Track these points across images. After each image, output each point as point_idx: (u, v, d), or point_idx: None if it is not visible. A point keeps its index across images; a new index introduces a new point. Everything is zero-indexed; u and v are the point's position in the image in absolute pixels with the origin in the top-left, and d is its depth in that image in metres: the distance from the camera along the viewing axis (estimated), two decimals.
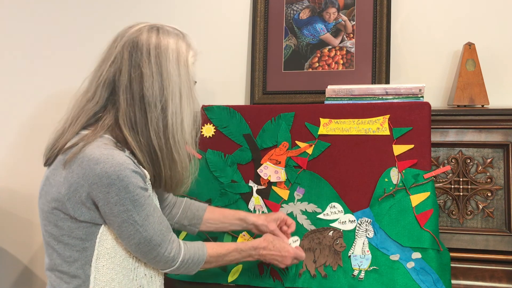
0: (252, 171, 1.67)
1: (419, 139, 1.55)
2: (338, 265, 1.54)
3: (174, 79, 1.20)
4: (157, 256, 1.21)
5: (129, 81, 1.18)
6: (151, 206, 1.19)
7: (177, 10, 2.15)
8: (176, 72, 1.21)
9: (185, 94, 1.22)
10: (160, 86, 1.18)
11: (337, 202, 1.59)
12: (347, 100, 1.69)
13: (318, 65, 1.94)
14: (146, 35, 1.21)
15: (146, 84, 1.17)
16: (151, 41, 1.20)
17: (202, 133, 1.73)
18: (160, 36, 1.22)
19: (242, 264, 1.61)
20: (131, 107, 1.18)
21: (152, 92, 1.17)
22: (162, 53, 1.20)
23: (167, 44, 1.21)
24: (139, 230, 1.16)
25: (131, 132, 1.18)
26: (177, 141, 1.21)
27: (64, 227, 1.18)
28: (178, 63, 1.22)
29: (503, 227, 1.56)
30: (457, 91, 1.72)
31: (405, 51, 1.92)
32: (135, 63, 1.18)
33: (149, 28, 1.23)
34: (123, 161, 1.13)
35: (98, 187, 1.13)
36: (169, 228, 1.24)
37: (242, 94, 2.08)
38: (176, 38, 1.25)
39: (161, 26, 1.26)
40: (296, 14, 1.98)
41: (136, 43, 1.20)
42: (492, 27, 1.85)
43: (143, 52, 1.19)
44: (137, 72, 1.18)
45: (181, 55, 1.23)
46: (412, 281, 1.47)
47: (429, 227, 1.50)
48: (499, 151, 1.58)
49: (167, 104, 1.19)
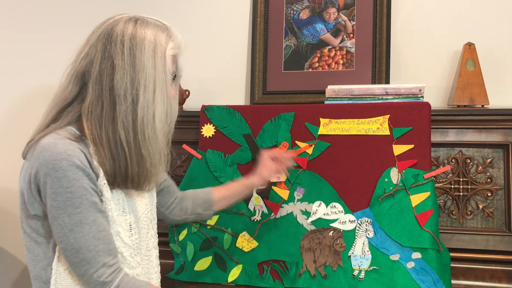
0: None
1: (419, 139, 1.55)
2: (338, 265, 1.54)
3: (148, 72, 1.13)
4: (85, 275, 1.08)
5: (100, 72, 1.12)
6: (90, 214, 1.08)
7: (177, 10, 2.15)
8: (151, 64, 1.14)
9: (159, 88, 1.15)
10: (131, 78, 1.12)
11: (337, 202, 1.59)
12: (347, 100, 1.69)
13: (318, 65, 1.94)
14: (122, 25, 1.16)
15: (117, 76, 1.11)
16: (126, 32, 1.15)
17: (202, 133, 1.73)
18: (137, 26, 1.16)
19: (242, 264, 1.61)
20: (99, 99, 1.12)
21: (122, 84, 1.11)
22: (137, 44, 1.14)
23: (144, 35, 1.15)
24: (67, 235, 1.07)
25: (93, 125, 1.12)
26: (147, 137, 1.13)
27: (32, 224, 1.14)
28: (154, 55, 1.15)
29: (503, 227, 1.56)
30: (457, 91, 1.72)
31: (405, 51, 1.92)
32: (108, 54, 1.13)
33: (128, 19, 1.18)
34: (64, 151, 1.06)
35: (40, 176, 1.07)
36: (110, 251, 1.10)
37: (242, 94, 2.08)
38: (156, 29, 1.18)
39: (142, 17, 1.21)
40: (296, 14, 1.98)
41: (111, 34, 1.14)
42: (492, 27, 1.85)
43: (117, 43, 1.13)
44: (108, 63, 1.12)
45: (158, 47, 1.16)
46: (412, 281, 1.47)
47: (429, 227, 1.50)
48: (499, 151, 1.58)
49: (138, 98, 1.12)
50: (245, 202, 1.66)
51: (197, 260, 1.64)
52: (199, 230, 1.66)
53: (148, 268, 1.26)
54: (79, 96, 1.15)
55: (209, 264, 1.63)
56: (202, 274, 1.63)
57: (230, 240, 1.64)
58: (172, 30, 1.23)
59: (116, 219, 1.15)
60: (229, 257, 1.62)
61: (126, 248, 1.17)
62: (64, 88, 1.17)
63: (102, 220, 1.10)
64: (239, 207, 1.65)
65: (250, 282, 1.59)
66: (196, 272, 1.63)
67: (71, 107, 1.16)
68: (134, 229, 1.20)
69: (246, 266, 1.61)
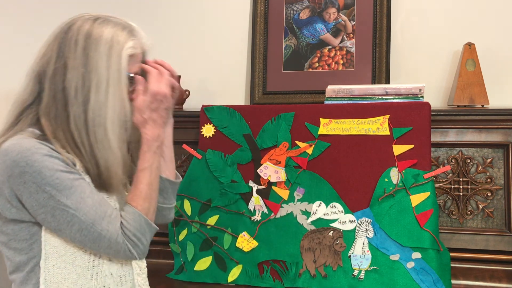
0: (252, 171, 1.67)
1: (419, 139, 1.55)
2: (338, 265, 1.54)
3: (101, 72, 1.10)
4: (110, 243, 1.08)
5: (54, 72, 1.10)
6: (84, 187, 1.08)
7: (177, 10, 2.15)
8: (104, 64, 1.10)
9: (113, 89, 1.10)
10: (83, 78, 1.09)
11: (337, 202, 1.59)
12: (347, 100, 1.69)
13: (318, 65, 1.94)
14: (79, 24, 1.13)
15: (69, 75, 1.09)
16: (81, 31, 1.11)
17: (202, 133, 1.73)
18: (94, 25, 1.13)
19: (242, 264, 1.61)
20: (54, 100, 1.10)
21: (73, 84, 1.09)
22: (92, 43, 1.10)
23: (100, 34, 1.11)
24: (75, 216, 1.06)
25: (52, 125, 1.10)
26: (99, 139, 1.10)
27: (8, 231, 1.11)
28: (110, 55, 1.11)
29: (503, 227, 1.56)
30: (457, 91, 1.72)
31: (405, 51, 1.92)
32: (61, 54, 1.11)
33: (87, 18, 1.14)
34: (31, 146, 1.05)
35: (14, 179, 1.05)
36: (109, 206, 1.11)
37: (242, 94, 2.08)
38: (115, 28, 1.14)
39: (104, 16, 1.17)
40: (296, 14, 1.98)
41: (67, 33, 1.12)
42: (492, 27, 1.85)
43: (71, 42, 1.11)
44: (61, 62, 1.10)
45: (115, 46, 1.12)
46: (412, 281, 1.47)
47: (429, 227, 1.49)
48: (499, 151, 1.58)
49: (89, 98, 1.09)
50: (245, 202, 1.66)
51: (197, 260, 1.64)
52: (199, 230, 1.66)
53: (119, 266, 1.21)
54: (37, 98, 1.13)
55: (209, 264, 1.63)
56: (202, 274, 1.63)
57: (230, 240, 1.64)
58: (136, 29, 1.19)
59: None
60: (229, 257, 1.62)
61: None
62: (23, 90, 1.15)
63: (92, 188, 1.10)
64: (239, 207, 1.66)
65: (250, 282, 1.59)
66: (196, 272, 1.63)
67: (30, 109, 1.14)
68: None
69: (246, 266, 1.61)
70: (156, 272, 1.69)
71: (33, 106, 1.14)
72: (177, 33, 2.14)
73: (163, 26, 2.15)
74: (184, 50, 2.14)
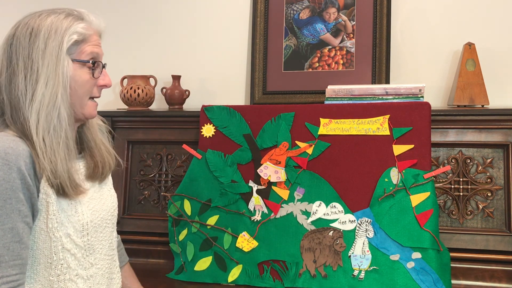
0: (252, 171, 1.67)
1: (419, 139, 1.55)
2: (338, 265, 1.54)
3: (40, 68, 1.06)
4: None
5: (7, 81, 1.07)
6: (9, 220, 1.00)
7: (177, 10, 2.15)
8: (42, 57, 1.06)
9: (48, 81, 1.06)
10: (26, 79, 1.05)
11: (337, 202, 1.59)
12: (347, 100, 1.69)
13: (318, 65, 1.94)
14: (22, 24, 1.09)
15: (17, 80, 1.06)
16: (23, 31, 1.08)
17: (202, 133, 1.73)
18: (36, 21, 1.08)
19: (242, 264, 1.61)
20: (12, 109, 1.07)
21: (20, 88, 1.05)
22: (35, 41, 1.06)
23: (40, 28, 1.07)
24: None
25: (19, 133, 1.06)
26: (49, 143, 1.05)
27: None
28: (47, 45, 1.06)
29: (503, 227, 1.56)
30: (457, 91, 1.72)
31: (405, 51, 1.92)
32: (10, 61, 1.07)
33: (31, 16, 1.10)
34: (3, 149, 1.00)
35: None
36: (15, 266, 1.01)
37: (242, 94, 2.08)
38: (58, 17, 1.09)
39: (50, 9, 1.12)
40: (296, 14, 1.98)
41: (12, 38, 1.09)
42: (492, 27, 1.85)
43: (17, 46, 1.07)
44: (10, 70, 1.07)
45: (53, 35, 1.07)
46: (412, 281, 1.47)
47: (429, 227, 1.50)
48: (499, 151, 1.58)
49: (34, 101, 1.05)
50: (245, 202, 1.66)
51: (197, 260, 1.64)
52: (199, 230, 1.67)
53: (110, 268, 1.22)
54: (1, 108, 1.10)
55: (209, 264, 1.63)
56: (202, 274, 1.63)
57: (230, 240, 1.64)
58: (85, 14, 1.13)
59: (65, 221, 1.09)
60: (229, 257, 1.62)
61: (78, 249, 1.12)
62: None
63: (22, 231, 1.02)
64: (239, 207, 1.66)
65: (250, 282, 1.59)
66: (196, 272, 1.63)
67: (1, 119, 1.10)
68: (88, 229, 1.14)
69: (246, 266, 1.61)
70: (156, 272, 1.69)
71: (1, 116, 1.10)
72: (177, 33, 2.14)
73: (163, 26, 2.16)
74: (184, 50, 2.14)
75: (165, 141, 1.84)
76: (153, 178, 1.83)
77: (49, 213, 1.06)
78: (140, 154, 1.86)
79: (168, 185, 1.81)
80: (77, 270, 1.12)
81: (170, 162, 1.83)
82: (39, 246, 1.07)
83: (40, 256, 1.08)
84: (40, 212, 1.06)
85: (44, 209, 1.06)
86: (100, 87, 1.16)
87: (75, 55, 1.10)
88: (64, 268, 1.09)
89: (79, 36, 1.10)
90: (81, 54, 1.11)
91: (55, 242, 1.08)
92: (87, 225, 1.13)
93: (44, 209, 1.06)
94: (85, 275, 1.13)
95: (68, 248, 1.10)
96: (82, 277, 1.13)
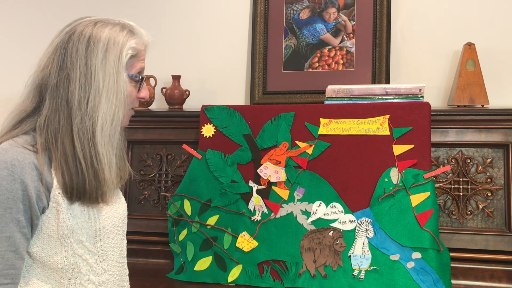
0: (252, 171, 1.67)
1: (419, 139, 1.55)
2: (338, 265, 1.54)
3: (98, 79, 1.08)
4: None
5: (56, 85, 1.08)
6: (7, 229, 1.01)
7: (177, 10, 2.15)
8: (101, 69, 1.08)
9: (110, 96, 1.08)
10: (84, 88, 1.07)
11: (337, 202, 1.59)
12: (347, 100, 1.69)
13: (318, 65, 1.94)
14: (79, 31, 1.10)
15: (71, 87, 1.07)
16: (81, 38, 1.09)
17: (202, 133, 1.73)
18: (94, 29, 1.10)
19: (242, 264, 1.61)
20: (56, 112, 1.08)
21: (76, 96, 1.07)
22: (92, 51, 1.08)
23: (99, 38, 1.09)
24: None
25: (49, 139, 1.07)
26: (101, 151, 1.08)
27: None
28: (107, 58, 1.09)
29: (503, 227, 1.56)
30: (457, 91, 1.72)
31: (405, 51, 1.92)
32: (64, 65, 1.08)
33: (87, 23, 1.11)
34: (10, 160, 1.02)
35: None
36: (7, 275, 1.02)
37: (242, 94, 2.08)
38: (114, 29, 1.11)
39: (102, 19, 1.13)
40: (296, 14, 1.98)
41: (67, 43, 1.09)
42: (492, 27, 1.85)
43: (73, 52, 1.08)
44: (63, 74, 1.08)
45: (112, 48, 1.09)
46: (412, 281, 1.47)
47: (429, 227, 1.50)
48: (499, 151, 1.58)
49: (92, 109, 1.07)
50: (245, 202, 1.66)
51: (197, 260, 1.64)
52: (199, 230, 1.66)
53: (121, 276, 1.22)
54: (37, 109, 1.11)
55: (209, 264, 1.63)
56: (202, 274, 1.63)
57: (230, 240, 1.64)
58: (135, 27, 1.16)
59: (77, 228, 1.10)
60: (229, 257, 1.62)
61: (91, 255, 1.13)
62: (24, 100, 1.13)
63: (18, 241, 1.03)
64: (239, 207, 1.66)
65: (250, 282, 1.59)
66: (196, 272, 1.63)
67: (28, 119, 1.11)
68: (100, 236, 1.15)
69: (246, 266, 1.61)
70: (156, 272, 1.69)
71: (32, 117, 1.12)
72: (177, 33, 2.14)
73: (163, 26, 2.15)
74: (184, 50, 2.14)
75: (165, 141, 1.84)
76: (153, 178, 1.83)
77: (59, 221, 1.07)
78: (140, 154, 1.86)
79: (168, 185, 1.81)
80: (89, 275, 1.13)
81: (170, 162, 1.83)
82: (49, 252, 1.08)
83: (51, 261, 1.09)
84: (49, 220, 1.07)
85: (54, 217, 1.07)
86: (138, 98, 1.20)
87: (128, 69, 1.14)
88: (75, 273, 1.11)
89: (133, 51, 1.13)
90: (132, 69, 1.15)
91: (66, 247, 1.09)
92: (100, 231, 1.15)
93: (54, 217, 1.07)
94: (96, 281, 1.14)
95: (80, 253, 1.11)
96: (94, 282, 1.13)
